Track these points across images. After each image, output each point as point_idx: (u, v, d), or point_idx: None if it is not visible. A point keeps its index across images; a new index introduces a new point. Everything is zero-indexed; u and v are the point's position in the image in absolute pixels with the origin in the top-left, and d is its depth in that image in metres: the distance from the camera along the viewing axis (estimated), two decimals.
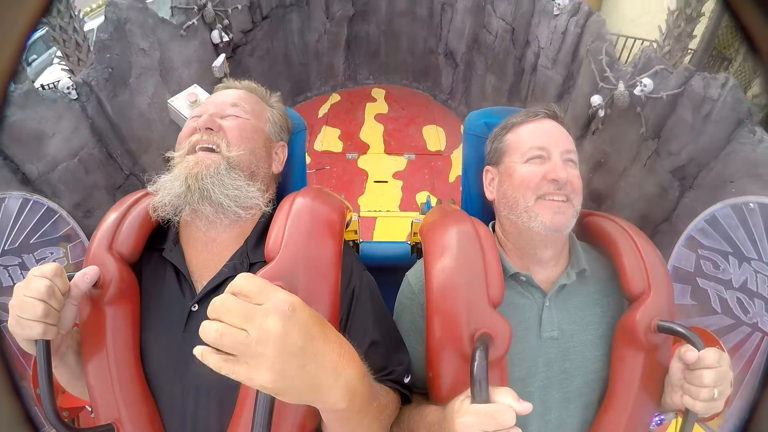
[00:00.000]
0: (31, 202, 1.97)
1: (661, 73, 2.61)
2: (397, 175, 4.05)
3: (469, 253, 0.81)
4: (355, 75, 4.86)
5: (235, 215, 0.81)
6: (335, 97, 4.85)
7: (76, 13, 2.72)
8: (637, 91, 2.68)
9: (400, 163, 4.18)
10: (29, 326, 0.64)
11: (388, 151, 4.28)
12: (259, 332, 0.48)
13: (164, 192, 0.80)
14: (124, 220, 0.82)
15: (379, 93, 4.94)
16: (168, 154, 0.85)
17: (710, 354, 0.70)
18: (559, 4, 3.10)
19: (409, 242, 1.43)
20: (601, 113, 2.98)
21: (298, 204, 0.79)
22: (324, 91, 4.84)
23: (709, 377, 0.70)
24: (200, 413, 0.74)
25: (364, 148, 4.29)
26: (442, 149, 4.30)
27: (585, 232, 0.99)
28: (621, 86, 2.78)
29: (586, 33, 2.99)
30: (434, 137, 4.42)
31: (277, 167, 0.94)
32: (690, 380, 0.73)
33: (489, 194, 0.96)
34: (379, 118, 4.61)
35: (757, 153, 2.22)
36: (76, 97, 2.53)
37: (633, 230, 0.91)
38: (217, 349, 0.49)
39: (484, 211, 1.04)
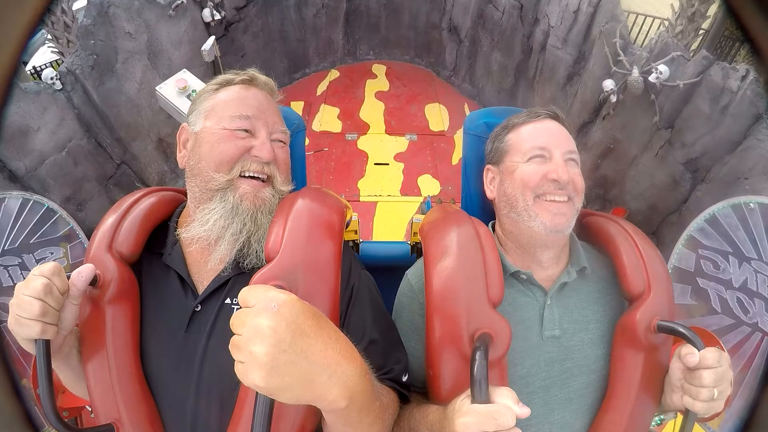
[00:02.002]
0: (31, 202, 1.97)
1: (678, 60, 2.48)
2: (398, 157, 3.95)
3: (469, 252, 0.81)
4: (355, 50, 4.68)
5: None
6: (334, 74, 4.68)
7: None
8: (652, 78, 2.56)
9: (401, 144, 4.06)
10: (27, 325, 0.64)
11: (389, 131, 4.16)
12: (249, 332, 0.50)
13: (223, 227, 0.77)
14: (124, 220, 0.82)
15: (379, 69, 4.76)
16: (214, 174, 0.78)
17: (710, 354, 0.70)
18: None
19: (409, 242, 1.41)
20: (614, 98, 2.85)
21: (297, 204, 0.79)
22: (323, 68, 4.68)
23: (709, 377, 0.70)
24: (200, 413, 0.74)
25: (364, 128, 4.17)
26: (445, 129, 4.18)
27: (585, 231, 0.98)
28: (635, 72, 2.65)
29: (600, 13, 2.84)
30: (437, 116, 4.28)
31: None
32: (690, 380, 0.73)
33: (489, 193, 0.96)
34: (379, 95, 4.46)
35: None
36: (61, 87, 2.42)
37: (633, 230, 0.91)
38: None
39: (484, 211, 1.04)
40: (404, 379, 0.80)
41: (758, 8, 0.29)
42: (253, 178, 0.80)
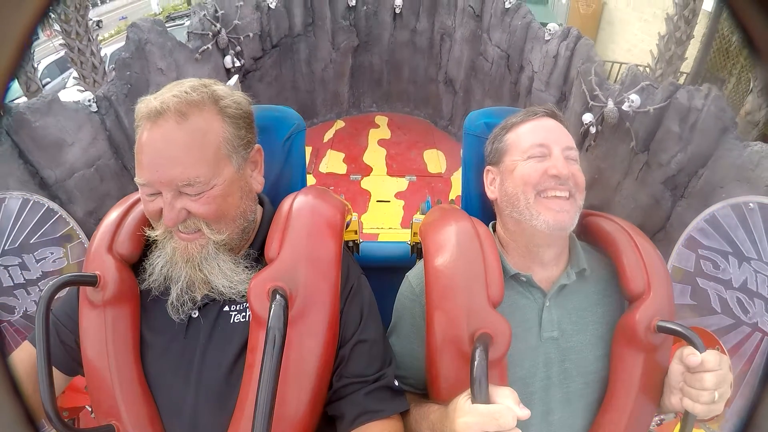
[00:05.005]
0: (31, 202, 1.96)
1: (647, 89, 2.74)
2: (398, 195, 4.14)
3: (469, 253, 0.81)
4: (359, 103, 5.01)
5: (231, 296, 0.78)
6: (340, 124, 5.00)
7: (95, 37, 2.92)
8: (625, 106, 2.80)
9: (401, 184, 4.28)
10: None
11: (391, 173, 4.39)
12: None
13: (166, 278, 0.77)
14: (124, 221, 0.82)
15: (382, 120, 5.08)
16: (149, 233, 0.78)
17: (711, 357, 0.70)
18: (550, 30, 3.30)
19: (409, 242, 1.43)
20: (593, 130, 3.10)
21: (297, 204, 0.80)
22: (329, 118, 5.00)
23: (710, 380, 0.70)
24: (200, 414, 0.74)
25: (367, 170, 4.40)
26: (443, 172, 4.40)
27: (585, 232, 0.98)
28: (610, 103, 2.91)
29: (576, 56, 3.14)
30: (435, 160, 4.53)
31: (258, 186, 0.84)
32: (690, 383, 0.73)
33: (491, 194, 0.96)
34: (381, 142, 4.73)
35: (743, 158, 2.27)
36: (96, 109, 2.65)
37: (633, 230, 0.92)
38: None
39: (484, 211, 1.04)
40: (396, 383, 0.80)
41: (758, 8, 0.29)
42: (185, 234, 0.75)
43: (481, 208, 1.06)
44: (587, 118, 3.09)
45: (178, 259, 0.75)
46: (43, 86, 5.32)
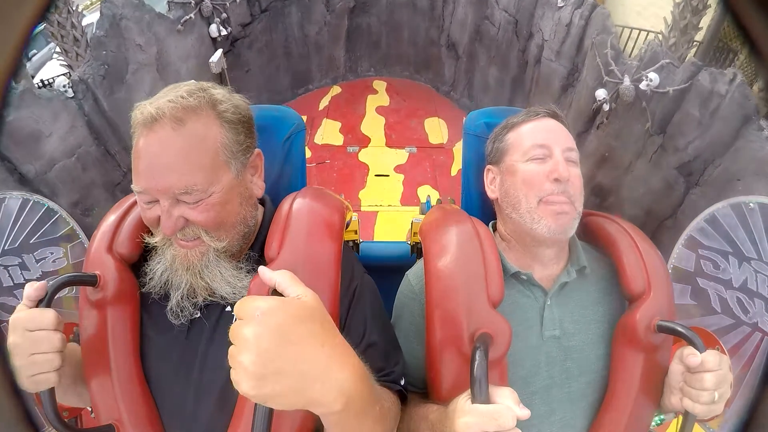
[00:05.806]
0: (31, 202, 1.97)
1: (668, 68, 2.55)
2: (398, 169, 4.01)
3: (469, 252, 0.81)
4: (356, 67, 4.82)
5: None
6: (336, 90, 4.81)
7: (74, 8, 2.67)
8: (642, 85, 2.63)
9: (401, 156, 4.14)
10: (46, 380, 0.65)
11: (390, 144, 4.24)
12: (238, 342, 0.50)
13: (166, 283, 0.76)
14: (124, 220, 0.82)
15: (380, 85, 4.89)
16: (147, 240, 0.77)
17: (711, 357, 0.70)
18: None
19: (409, 242, 1.42)
20: (606, 107, 2.93)
21: (297, 204, 0.79)
22: (325, 84, 4.81)
23: (710, 381, 0.70)
24: (200, 414, 0.74)
25: (365, 141, 4.26)
26: (444, 142, 4.26)
27: (585, 232, 0.98)
28: (626, 80, 2.73)
29: (591, 25, 2.93)
30: (436, 130, 4.37)
31: (259, 191, 0.83)
32: (690, 383, 0.73)
33: (491, 193, 0.96)
34: (380, 110, 4.57)
35: (765, 151, 2.17)
36: (73, 95, 2.50)
37: (633, 230, 0.91)
38: None
39: (484, 210, 1.04)
40: (402, 382, 0.80)
41: (758, 8, 0.29)
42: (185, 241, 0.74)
43: (481, 207, 1.06)
44: (601, 94, 2.91)
45: (178, 267, 0.74)
46: (30, 58, 5.04)
